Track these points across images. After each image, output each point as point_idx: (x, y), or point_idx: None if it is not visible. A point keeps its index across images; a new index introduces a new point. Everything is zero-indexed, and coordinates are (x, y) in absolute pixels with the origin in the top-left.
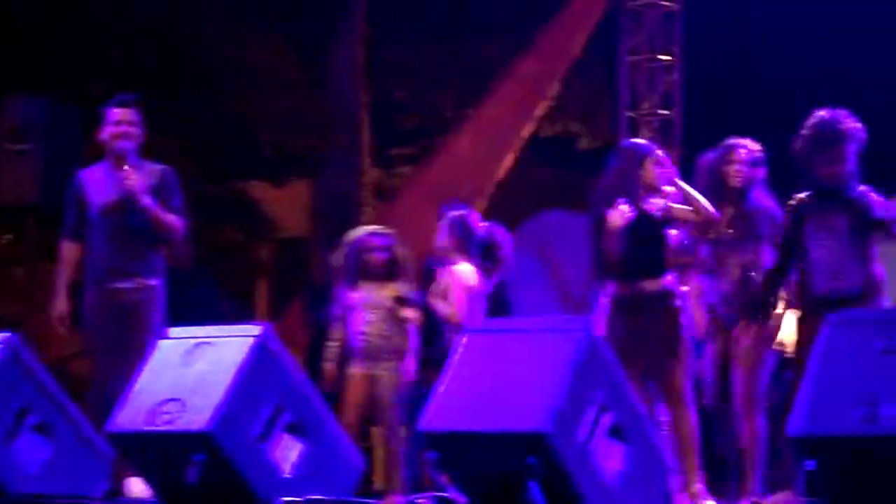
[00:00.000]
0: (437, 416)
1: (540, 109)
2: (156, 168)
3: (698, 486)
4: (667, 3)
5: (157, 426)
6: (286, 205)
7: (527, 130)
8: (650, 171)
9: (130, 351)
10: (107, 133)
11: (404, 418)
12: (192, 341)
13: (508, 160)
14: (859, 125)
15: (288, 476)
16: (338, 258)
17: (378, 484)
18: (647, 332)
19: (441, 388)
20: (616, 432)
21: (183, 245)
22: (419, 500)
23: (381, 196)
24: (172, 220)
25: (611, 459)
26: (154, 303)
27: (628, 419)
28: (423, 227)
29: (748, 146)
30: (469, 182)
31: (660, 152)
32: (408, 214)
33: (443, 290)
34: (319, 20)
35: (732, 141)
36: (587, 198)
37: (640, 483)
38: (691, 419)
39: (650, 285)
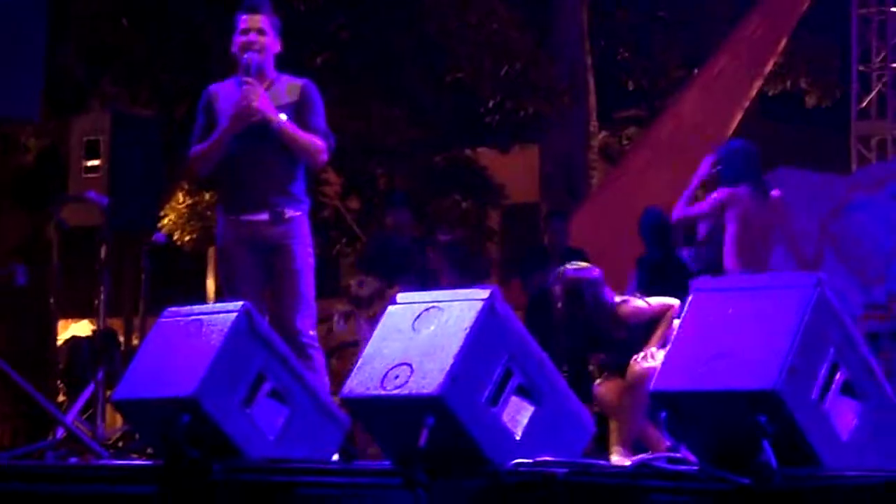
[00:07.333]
0: (667, 376)
1: (768, 66)
2: (296, 83)
3: None
4: None
5: (388, 391)
6: (513, 171)
7: (755, 88)
8: None
9: (273, 289)
10: (235, 43)
11: None
12: (421, 306)
13: (736, 118)
14: None
15: (519, 439)
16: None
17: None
18: None
19: (670, 348)
20: (848, 388)
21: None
22: (651, 460)
23: (609, 159)
24: (311, 140)
25: (844, 416)
26: (296, 237)
27: (860, 375)
28: (652, 189)
29: None
30: (696, 142)
31: None
32: (636, 177)
33: None
34: None
35: None
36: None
37: (875, 439)
38: None
39: None
